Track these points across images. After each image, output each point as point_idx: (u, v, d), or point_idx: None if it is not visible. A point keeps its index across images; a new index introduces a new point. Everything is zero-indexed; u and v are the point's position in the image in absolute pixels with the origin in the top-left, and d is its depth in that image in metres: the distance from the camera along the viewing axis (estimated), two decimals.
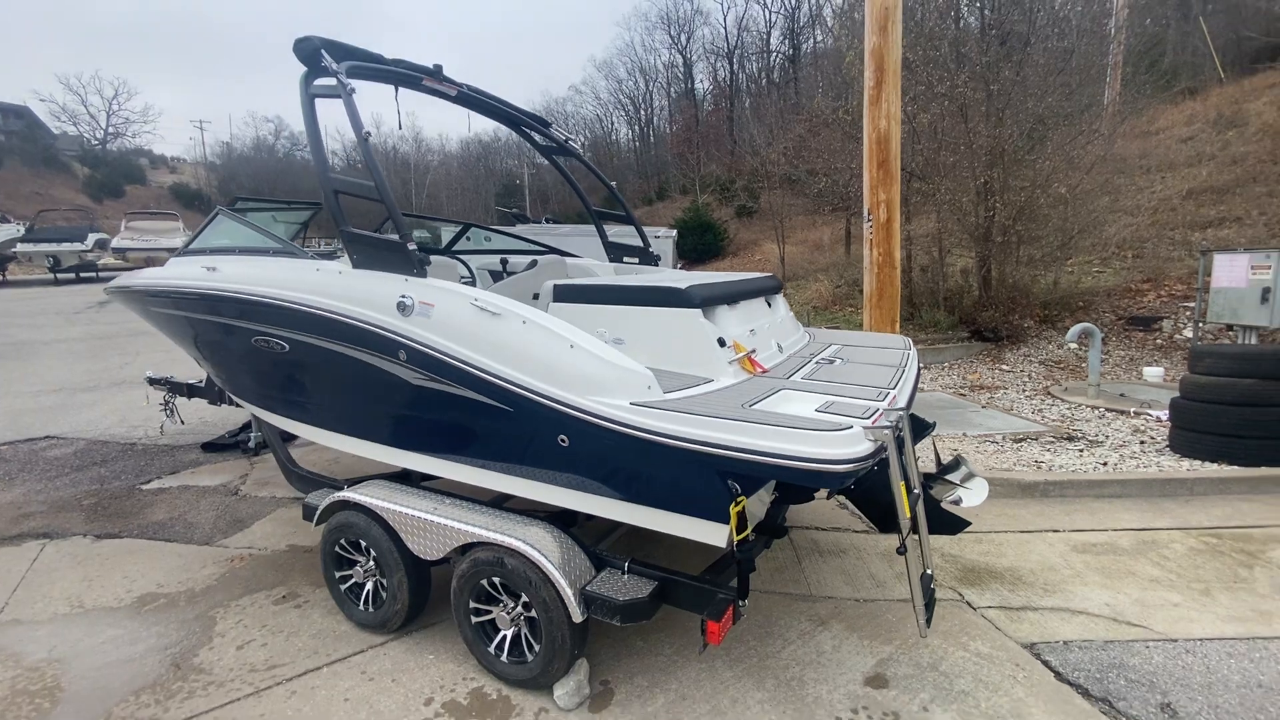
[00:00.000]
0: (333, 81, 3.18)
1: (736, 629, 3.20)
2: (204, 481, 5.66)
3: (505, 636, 2.81)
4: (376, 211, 3.39)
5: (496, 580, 2.75)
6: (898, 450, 2.15)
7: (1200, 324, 9.52)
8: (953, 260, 12.93)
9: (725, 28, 55.22)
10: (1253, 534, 4.22)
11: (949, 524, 3.12)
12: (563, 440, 2.53)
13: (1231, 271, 8.48)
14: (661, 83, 57.77)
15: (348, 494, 3.15)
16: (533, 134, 4.94)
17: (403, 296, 2.80)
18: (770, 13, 48.34)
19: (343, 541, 3.25)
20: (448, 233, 6.00)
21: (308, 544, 4.32)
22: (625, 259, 5.11)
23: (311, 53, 3.20)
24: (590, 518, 2.92)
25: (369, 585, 3.24)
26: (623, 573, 2.71)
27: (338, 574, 3.31)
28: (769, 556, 3.94)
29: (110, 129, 63.87)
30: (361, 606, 3.24)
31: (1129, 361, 10.49)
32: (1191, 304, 11.48)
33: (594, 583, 2.62)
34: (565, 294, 3.04)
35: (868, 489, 3.19)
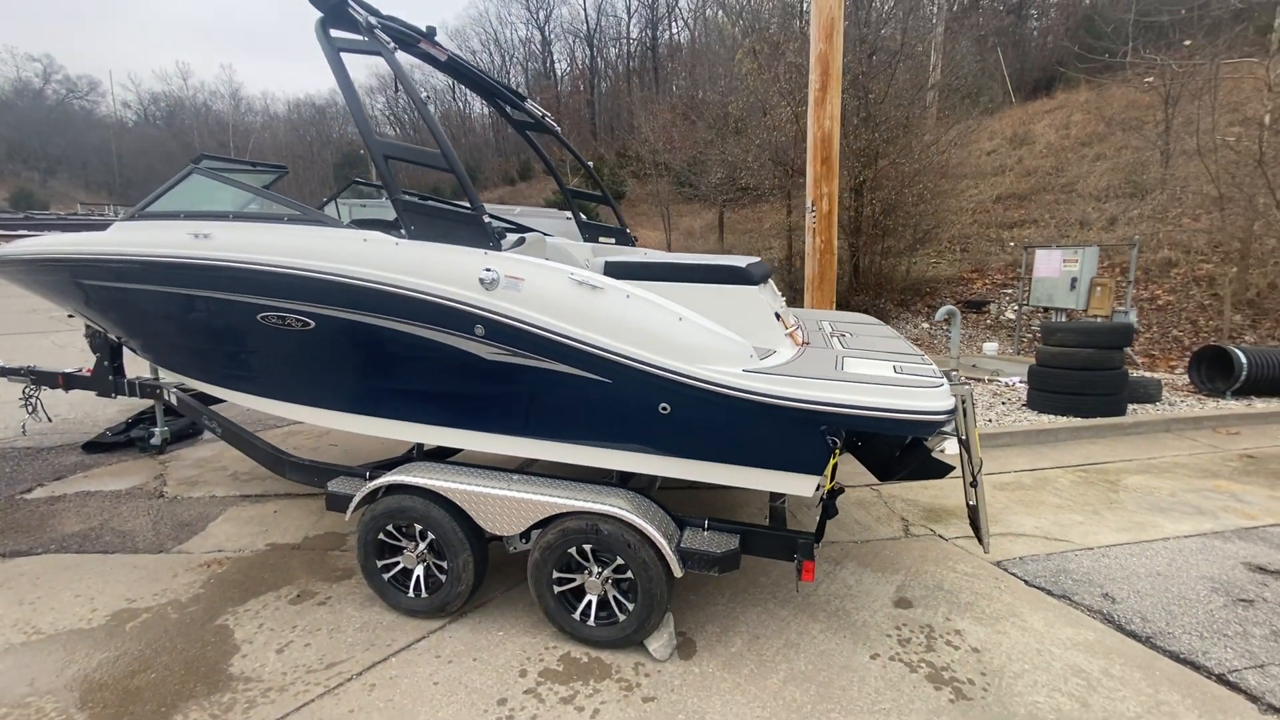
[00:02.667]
0: (360, 36, 2.97)
1: (771, 576, 3.56)
2: (107, 486, 4.88)
3: (591, 601, 2.91)
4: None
5: (587, 548, 2.84)
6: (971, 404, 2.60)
7: (1023, 306, 11.54)
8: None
9: (585, 10, 55.04)
10: (1107, 468, 5.42)
11: (939, 469, 3.70)
12: (664, 408, 2.68)
13: (1048, 264, 10.37)
14: (519, 59, 56.14)
15: (403, 478, 3.01)
16: (506, 107, 4.84)
17: (486, 270, 2.74)
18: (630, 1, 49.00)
19: (389, 528, 3.10)
20: (377, 202, 5.66)
21: (290, 540, 3.98)
22: (601, 239, 5.21)
23: (337, 4, 2.96)
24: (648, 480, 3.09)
25: (418, 570, 3.13)
26: (703, 529, 2.94)
27: (381, 564, 3.15)
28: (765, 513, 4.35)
29: None
30: (412, 593, 3.12)
31: (967, 339, 12.48)
32: (1010, 290, 13.89)
33: (684, 540, 2.82)
34: (619, 271, 3.14)
35: (869, 444, 3.69)
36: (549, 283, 2.74)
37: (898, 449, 3.47)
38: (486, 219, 2.83)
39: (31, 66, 60.52)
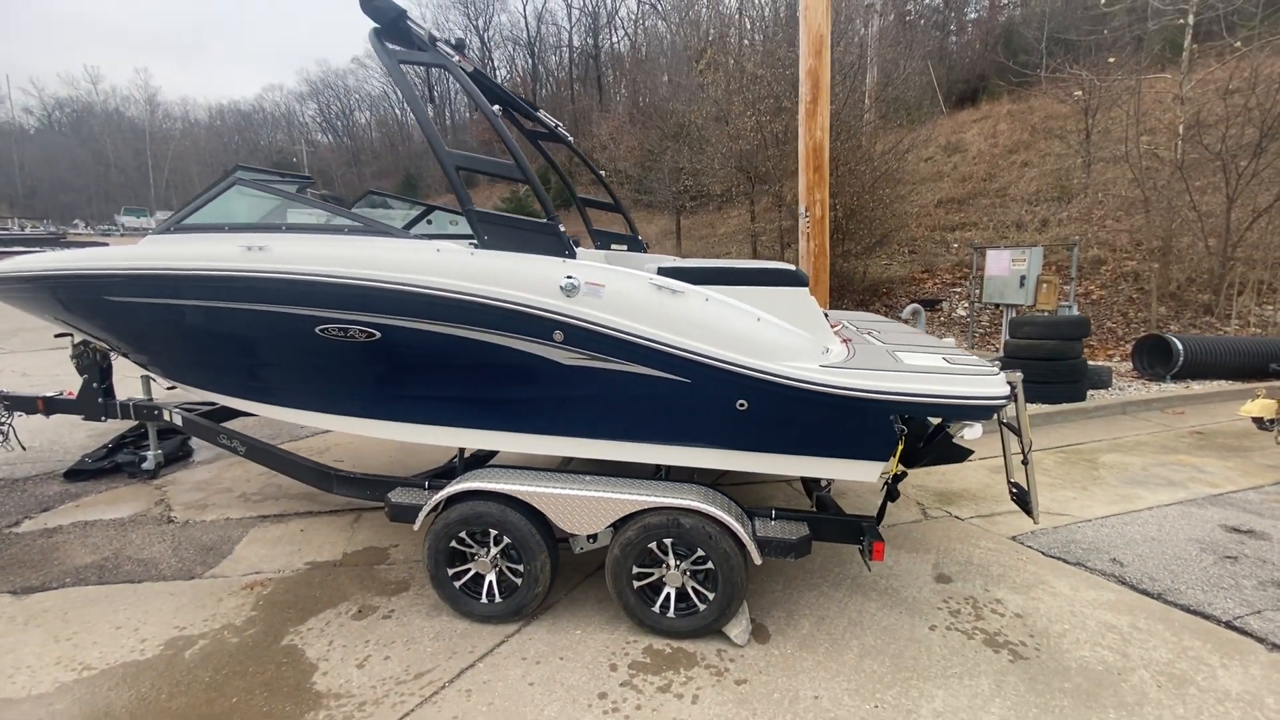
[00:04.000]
0: (424, 53, 3.01)
1: (816, 561, 3.75)
2: (106, 515, 4.61)
3: (669, 594, 3.01)
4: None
5: (668, 542, 2.95)
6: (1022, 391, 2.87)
7: (975, 304, 12.29)
8: (790, 254, 14.89)
9: (525, 19, 54.87)
10: (1082, 448, 5.91)
11: (959, 453, 3.99)
12: (741, 405, 2.83)
13: (998, 263, 11.09)
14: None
15: (477, 484, 3.03)
16: (519, 117, 4.91)
17: (569, 277, 2.82)
18: (571, 8, 49.20)
19: (462, 535, 3.11)
20: (400, 214, 5.61)
21: (329, 557, 3.90)
22: (613, 246, 5.32)
23: (395, 18, 2.98)
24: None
25: (490, 576, 3.16)
26: (770, 519, 3.10)
27: (452, 571, 3.16)
28: (794, 500, 4.55)
29: None
30: (484, 599, 3.14)
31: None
32: (959, 289, 14.76)
33: (759, 529, 2.97)
34: (674, 275, 3.28)
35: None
36: (629, 288, 2.84)
37: (922, 437, 3.73)
38: (562, 228, 2.91)
39: None
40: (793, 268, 3.25)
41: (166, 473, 5.44)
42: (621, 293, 2.83)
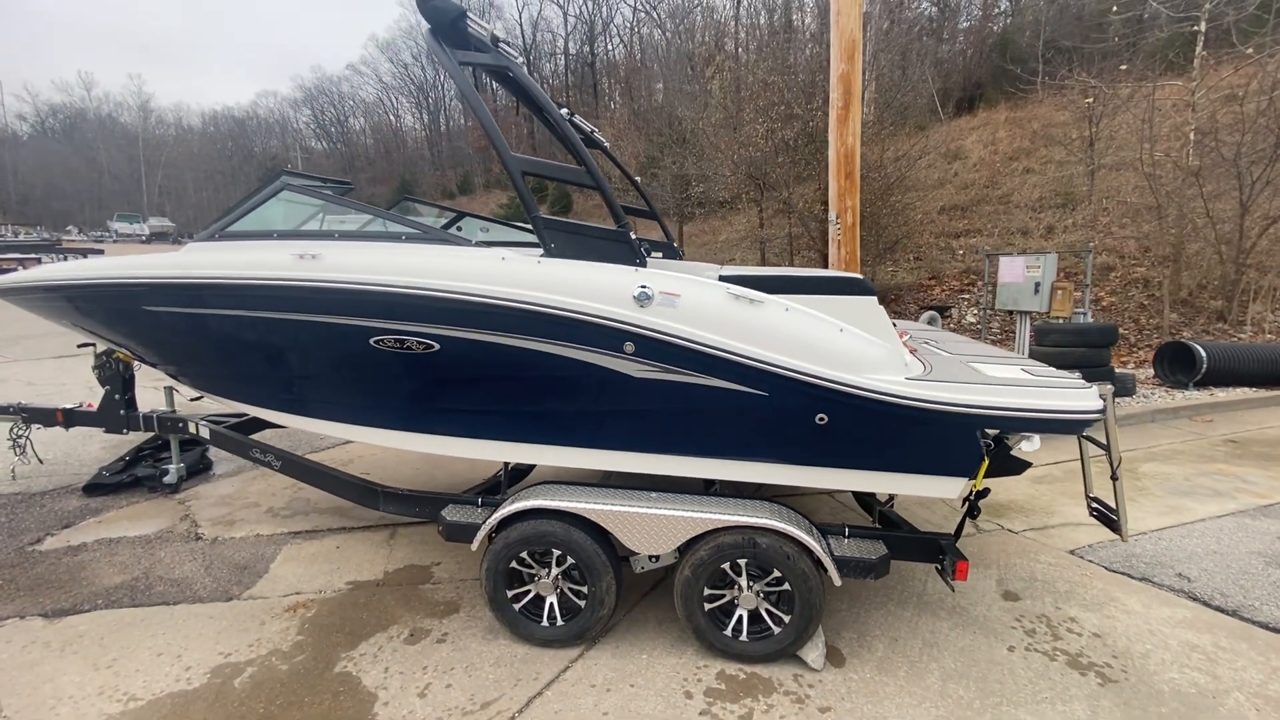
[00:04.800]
0: (485, 54, 2.91)
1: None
2: (130, 531, 4.45)
3: (742, 616, 2.89)
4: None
5: (742, 562, 2.83)
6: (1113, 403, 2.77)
7: (987, 310, 12.26)
8: (800, 260, 14.85)
9: (521, 27, 54.98)
10: (1123, 457, 5.82)
11: (1017, 466, 3.90)
12: (821, 419, 2.72)
13: (1012, 270, 11.04)
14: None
15: (540, 501, 2.91)
16: (552, 121, 4.80)
17: (643, 287, 2.71)
18: (567, 16, 49.32)
19: (523, 555, 2.98)
20: (429, 221, 5.49)
21: (370, 576, 3.75)
22: (651, 254, 5.21)
23: (455, 19, 2.88)
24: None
25: (551, 598, 3.03)
26: (845, 536, 2.99)
27: (511, 593, 3.03)
28: (839, 514, 4.45)
29: None
30: (545, 622, 3.01)
31: None
32: (967, 295, 14.75)
33: (835, 549, 2.86)
34: (737, 284, 3.18)
35: None
36: (706, 298, 2.74)
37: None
38: (634, 236, 2.80)
39: None
40: (859, 276, 3.15)
41: (188, 486, 5.28)
42: (698, 302, 2.72)
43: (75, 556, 4.09)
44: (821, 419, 2.72)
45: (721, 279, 3.18)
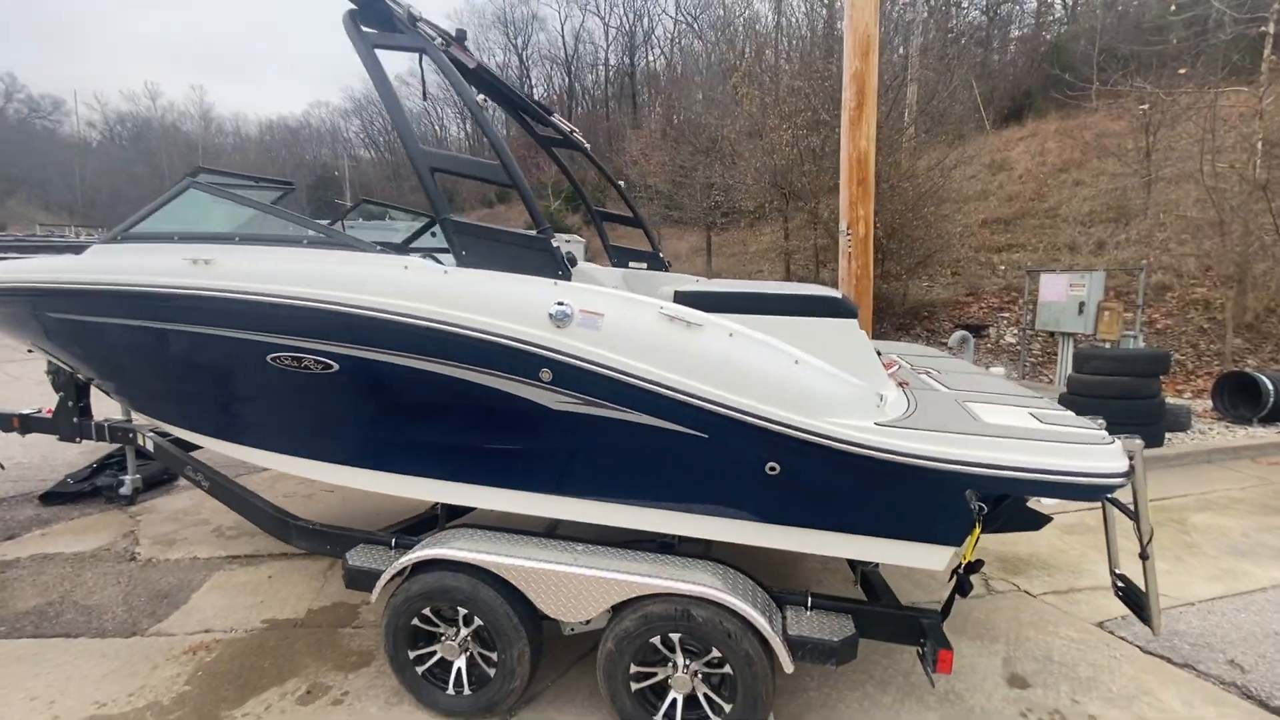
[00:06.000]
0: (399, 32, 2.55)
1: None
2: (69, 546, 4.22)
3: (676, 701, 2.42)
4: None
5: (675, 637, 2.36)
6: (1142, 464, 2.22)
7: (1026, 330, 11.44)
8: (826, 274, 14.20)
9: (563, 36, 55.51)
10: (1167, 505, 5.11)
11: (1034, 520, 3.32)
12: (771, 468, 2.25)
13: (1054, 288, 10.26)
14: None
15: (443, 551, 2.51)
16: (532, 122, 4.44)
17: (560, 304, 2.29)
18: (608, 27, 49.59)
19: (426, 612, 2.58)
20: (402, 226, 5.19)
21: (291, 614, 3.41)
22: (631, 264, 4.79)
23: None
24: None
25: (459, 662, 2.61)
26: (806, 608, 2.49)
27: (413, 654, 2.62)
28: (819, 570, 3.91)
29: None
30: (452, 689, 2.59)
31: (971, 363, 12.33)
32: (1007, 314, 13.85)
33: (790, 624, 2.37)
34: (692, 301, 2.72)
35: None
36: (634, 318, 2.30)
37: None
38: (556, 243, 2.39)
39: None
40: (839, 294, 2.67)
41: (146, 498, 5.06)
42: (624, 324, 2.29)
43: (3, 573, 3.86)
44: (772, 468, 2.25)
45: (678, 295, 2.74)
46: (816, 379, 2.22)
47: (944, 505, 2.17)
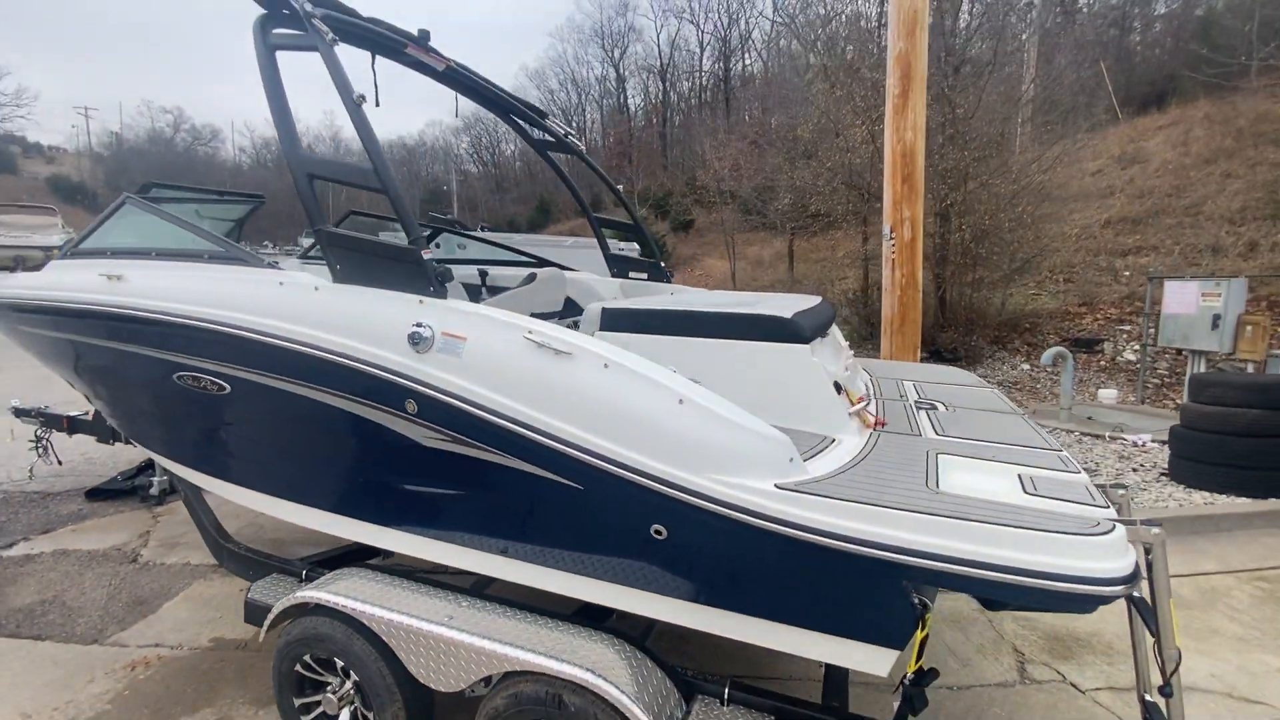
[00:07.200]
0: (301, 31, 2.36)
1: None
2: (89, 543, 4.46)
3: None
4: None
5: None
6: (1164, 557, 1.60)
7: (1149, 346, 9.86)
8: None
9: (658, 45, 55.77)
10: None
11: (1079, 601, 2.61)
12: (657, 531, 1.82)
13: (1182, 298, 8.76)
14: (594, 96, 57.47)
15: (317, 594, 2.28)
16: (524, 125, 4.21)
17: (417, 325, 2.00)
18: (702, 33, 49.25)
19: (308, 659, 2.36)
20: (388, 238, 5.12)
21: (238, 635, 3.34)
22: (631, 274, 4.44)
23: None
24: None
25: (343, 716, 2.37)
26: (721, 701, 2.02)
27: (298, 702, 2.42)
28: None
29: None
30: None
31: (1078, 383, 10.76)
32: (1128, 327, 12.05)
33: None
34: (620, 321, 2.34)
35: None
36: (497, 344, 1.96)
37: None
38: (428, 255, 2.10)
39: (164, 118, 67.57)
40: (787, 314, 2.20)
41: (174, 499, 5.30)
42: (487, 350, 1.95)
43: (21, 567, 4.12)
44: (658, 531, 1.82)
45: (604, 311, 2.38)
46: (705, 424, 1.76)
47: (876, 598, 1.64)
